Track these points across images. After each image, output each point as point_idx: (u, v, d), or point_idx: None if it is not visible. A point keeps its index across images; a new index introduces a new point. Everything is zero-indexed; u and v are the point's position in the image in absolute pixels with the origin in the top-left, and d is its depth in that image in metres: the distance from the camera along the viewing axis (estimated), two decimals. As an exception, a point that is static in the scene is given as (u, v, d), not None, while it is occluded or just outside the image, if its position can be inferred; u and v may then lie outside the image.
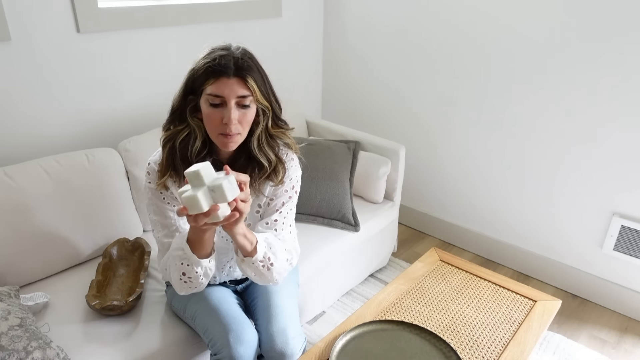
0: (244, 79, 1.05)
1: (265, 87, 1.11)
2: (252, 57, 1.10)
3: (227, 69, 1.03)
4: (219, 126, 1.07)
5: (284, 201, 1.27)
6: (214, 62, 1.04)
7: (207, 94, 1.05)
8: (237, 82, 1.04)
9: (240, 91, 1.05)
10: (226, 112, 1.05)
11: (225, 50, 1.08)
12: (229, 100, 1.05)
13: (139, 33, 1.88)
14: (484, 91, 2.17)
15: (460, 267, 1.62)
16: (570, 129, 1.96)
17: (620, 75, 1.78)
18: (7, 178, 1.45)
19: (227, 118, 1.05)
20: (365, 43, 2.53)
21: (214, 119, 1.07)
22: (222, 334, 1.19)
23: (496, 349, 1.28)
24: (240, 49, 1.09)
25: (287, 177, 1.26)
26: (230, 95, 1.04)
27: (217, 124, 1.07)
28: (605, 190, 1.95)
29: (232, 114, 1.05)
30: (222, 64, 1.03)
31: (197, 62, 1.08)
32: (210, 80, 1.04)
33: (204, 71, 1.05)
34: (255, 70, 1.08)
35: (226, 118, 1.05)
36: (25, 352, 1.08)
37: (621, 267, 2.00)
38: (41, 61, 1.65)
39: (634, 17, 1.70)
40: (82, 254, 1.60)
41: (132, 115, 1.96)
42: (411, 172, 2.56)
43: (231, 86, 1.04)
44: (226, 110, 1.05)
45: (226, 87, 1.04)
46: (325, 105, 2.87)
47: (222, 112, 1.06)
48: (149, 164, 1.19)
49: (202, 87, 1.06)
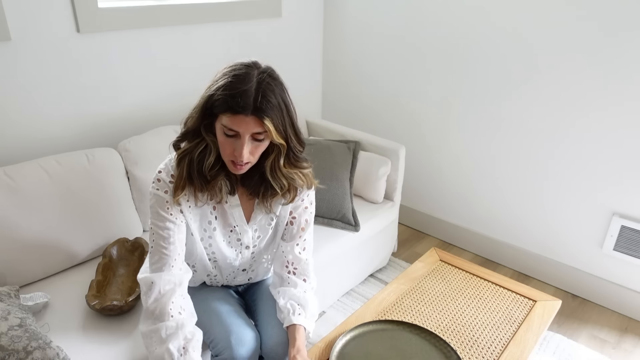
0: (261, 119, 1.01)
1: (284, 123, 1.05)
2: (275, 87, 1.03)
3: (245, 108, 0.99)
4: (229, 155, 1.06)
5: (307, 218, 1.28)
6: (233, 99, 0.99)
7: (223, 124, 1.03)
8: (253, 120, 1.01)
9: (256, 129, 1.02)
10: (238, 145, 1.04)
11: (246, 80, 1.00)
12: (243, 135, 1.03)
13: (139, 33, 1.88)
14: (484, 91, 2.17)
15: (460, 267, 1.62)
16: (570, 129, 1.96)
17: (620, 74, 1.78)
18: (7, 178, 1.45)
19: (239, 152, 1.04)
20: (365, 43, 2.53)
21: (227, 148, 1.06)
22: (224, 335, 1.19)
23: (496, 349, 1.28)
24: (264, 77, 1.02)
25: (305, 193, 1.25)
26: (245, 132, 1.02)
27: (229, 153, 1.06)
28: (605, 190, 1.95)
29: (244, 149, 1.04)
30: (239, 103, 0.99)
31: (216, 88, 1.02)
32: (227, 113, 1.01)
33: (223, 102, 1.00)
34: (276, 107, 1.02)
35: (237, 151, 1.04)
36: (25, 352, 1.08)
37: (621, 267, 2.00)
38: (41, 61, 1.65)
39: (633, 16, 1.70)
40: (82, 254, 1.60)
41: (132, 115, 1.96)
42: (411, 172, 2.56)
43: (247, 124, 1.01)
44: (239, 143, 1.04)
45: (242, 124, 1.01)
46: (325, 105, 2.87)
47: (235, 144, 1.04)
48: (160, 172, 1.14)
49: (218, 114, 1.03)
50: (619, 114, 1.83)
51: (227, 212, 1.21)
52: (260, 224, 1.26)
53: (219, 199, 1.16)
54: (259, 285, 1.41)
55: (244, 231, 1.24)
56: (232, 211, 1.21)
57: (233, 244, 1.26)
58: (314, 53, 2.70)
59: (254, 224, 1.25)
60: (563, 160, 2.02)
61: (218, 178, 1.13)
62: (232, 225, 1.23)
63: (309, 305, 1.24)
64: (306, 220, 1.28)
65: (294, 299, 1.24)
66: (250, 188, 1.19)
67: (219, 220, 1.22)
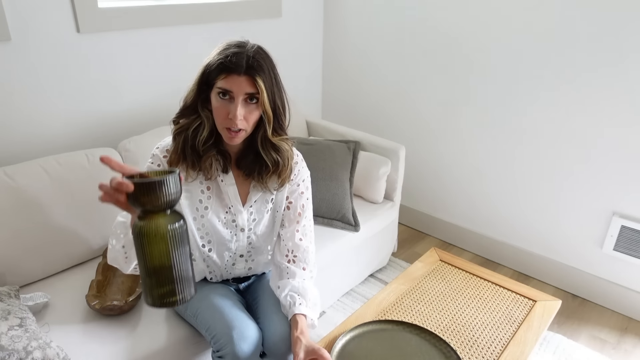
0: (253, 77, 1.07)
1: (273, 90, 1.12)
2: (266, 57, 1.11)
3: (238, 66, 1.06)
4: (226, 120, 1.10)
5: (303, 203, 1.31)
6: (226, 58, 1.07)
7: (218, 87, 1.09)
8: (246, 80, 1.07)
9: (248, 89, 1.08)
10: (232, 107, 1.09)
11: (239, 47, 1.10)
12: (236, 96, 1.08)
13: (139, 33, 1.88)
14: (484, 92, 2.17)
15: (460, 267, 1.62)
16: (570, 129, 1.96)
17: (620, 76, 1.78)
18: (7, 178, 1.45)
19: (233, 113, 1.08)
20: (365, 43, 2.53)
21: (222, 113, 1.10)
22: (226, 331, 1.20)
23: (496, 349, 1.28)
24: (255, 47, 1.11)
25: (300, 179, 1.29)
26: (239, 91, 1.08)
27: (224, 118, 1.10)
28: (605, 190, 1.95)
29: (237, 109, 1.08)
30: (233, 61, 1.06)
31: (211, 57, 1.11)
32: (222, 75, 1.07)
33: (217, 66, 1.07)
34: (267, 71, 1.10)
35: (232, 113, 1.08)
36: (25, 352, 1.08)
37: (621, 267, 2.00)
38: (41, 61, 1.65)
39: (634, 22, 1.70)
40: (82, 254, 1.60)
41: (132, 116, 1.96)
42: (411, 172, 2.56)
43: (240, 83, 1.07)
44: (233, 105, 1.09)
45: (235, 83, 1.07)
46: (325, 105, 2.87)
47: (230, 107, 1.09)
48: (157, 148, 1.22)
49: (214, 81, 1.09)
50: (618, 113, 1.83)
51: (222, 192, 1.23)
52: (256, 207, 1.27)
53: (209, 175, 1.19)
54: (260, 282, 1.42)
55: (239, 212, 1.25)
56: (227, 189, 1.23)
57: (229, 226, 1.27)
58: (314, 53, 2.70)
59: (249, 205, 1.26)
60: (563, 160, 2.02)
61: (209, 154, 1.16)
62: (227, 206, 1.25)
63: (308, 293, 1.25)
64: (302, 205, 1.31)
65: (293, 290, 1.24)
66: (246, 168, 1.22)
67: (214, 200, 1.24)
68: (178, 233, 0.85)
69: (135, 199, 0.82)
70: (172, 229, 0.83)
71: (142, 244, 0.83)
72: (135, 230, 0.84)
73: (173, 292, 0.86)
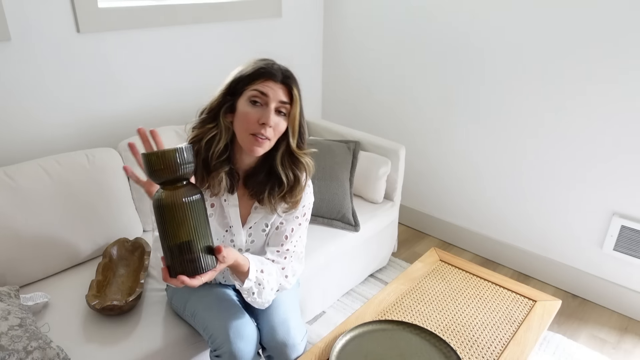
0: (290, 88, 1.11)
1: (302, 103, 1.15)
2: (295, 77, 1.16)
3: (277, 73, 1.10)
4: (253, 125, 1.09)
5: (293, 227, 1.28)
6: (266, 65, 1.11)
7: (252, 90, 1.10)
8: (282, 88, 1.11)
9: (283, 97, 1.11)
10: (265, 112, 1.09)
11: (272, 61, 1.15)
12: (270, 102, 1.09)
13: (139, 33, 1.88)
14: (484, 91, 2.17)
15: (460, 267, 1.62)
16: (570, 128, 1.96)
17: (620, 76, 1.78)
18: (7, 178, 1.45)
19: (266, 118, 1.08)
20: (365, 43, 2.53)
21: (251, 118, 1.09)
22: (222, 330, 1.20)
23: (496, 349, 1.28)
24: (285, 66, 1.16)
25: (301, 204, 1.26)
26: (274, 97, 1.10)
27: (252, 123, 1.09)
28: (605, 190, 1.95)
29: (271, 114, 1.09)
30: (274, 68, 1.11)
31: (245, 66, 1.14)
32: (258, 80, 1.09)
33: (254, 72, 1.10)
34: (298, 85, 1.14)
35: (264, 118, 1.08)
36: (25, 352, 1.08)
37: (621, 267, 2.00)
38: (41, 61, 1.65)
39: (634, 22, 1.70)
40: (82, 254, 1.60)
41: (132, 115, 1.96)
42: (411, 172, 2.56)
43: (277, 90, 1.10)
44: (265, 110, 1.09)
45: (272, 89, 1.09)
46: (325, 105, 2.87)
47: (261, 112, 1.09)
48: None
49: (246, 87, 1.11)
50: (618, 112, 1.83)
51: (224, 211, 1.23)
52: (255, 228, 1.27)
53: (216, 191, 1.17)
54: None
55: (238, 233, 1.25)
56: (229, 210, 1.23)
57: (226, 244, 1.26)
58: (314, 53, 2.70)
59: (248, 226, 1.26)
60: (563, 160, 2.02)
61: (220, 170, 1.15)
62: (228, 225, 1.24)
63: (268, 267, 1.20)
64: (292, 229, 1.28)
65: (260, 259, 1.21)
66: (254, 188, 1.20)
67: (215, 217, 1.24)
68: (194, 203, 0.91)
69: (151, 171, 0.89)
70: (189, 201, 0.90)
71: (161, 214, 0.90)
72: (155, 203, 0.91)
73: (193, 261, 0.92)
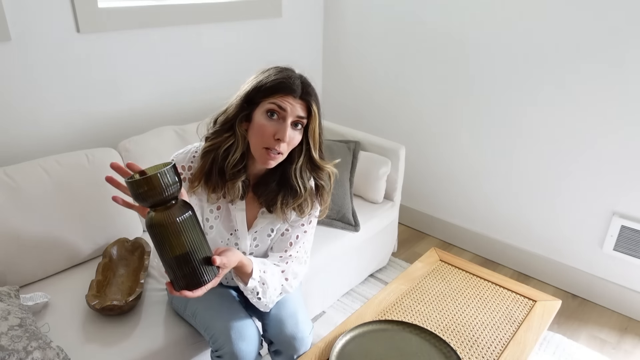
0: (309, 103, 1.09)
1: (321, 120, 1.14)
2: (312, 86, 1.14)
3: (296, 88, 1.08)
4: (268, 139, 1.08)
5: (298, 234, 1.28)
6: (284, 81, 1.08)
7: (270, 103, 1.07)
8: (301, 103, 1.09)
9: (301, 112, 1.09)
10: (281, 127, 1.07)
11: (290, 71, 1.12)
12: (288, 117, 1.08)
13: (139, 33, 1.88)
14: (485, 92, 2.17)
15: (460, 267, 1.62)
16: (570, 129, 1.96)
17: (620, 76, 1.78)
18: (7, 178, 1.45)
19: (282, 134, 1.07)
20: (365, 43, 2.53)
21: (266, 131, 1.08)
22: (224, 330, 1.20)
23: (496, 349, 1.28)
24: (304, 75, 1.13)
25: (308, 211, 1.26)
26: (292, 112, 1.08)
27: (267, 137, 1.08)
28: (605, 190, 1.95)
29: (288, 129, 1.08)
30: (294, 83, 1.08)
31: (264, 76, 1.11)
32: (278, 94, 1.07)
33: (275, 85, 1.08)
34: (317, 99, 1.12)
35: (280, 133, 1.07)
36: (25, 352, 1.08)
37: (621, 267, 2.00)
38: (41, 61, 1.65)
39: (634, 23, 1.70)
40: (82, 254, 1.60)
41: (132, 115, 1.96)
42: (411, 172, 2.56)
43: (294, 106, 1.08)
44: (282, 125, 1.08)
45: (290, 104, 1.07)
46: (325, 105, 2.87)
47: (277, 127, 1.08)
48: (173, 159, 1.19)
49: (264, 99, 1.08)
50: (619, 114, 1.83)
51: (231, 215, 1.22)
52: (260, 233, 1.27)
53: (230, 198, 1.17)
54: None
55: (243, 237, 1.25)
56: (236, 214, 1.22)
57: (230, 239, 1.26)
58: (314, 53, 2.70)
59: (254, 230, 1.25)
60: (563, 160, 2.02)
61: (237, 179, 1.14)
62: (233, 229, 1.24)
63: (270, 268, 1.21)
64: (297, 236, 1.28)
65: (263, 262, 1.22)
66: (263, 196, 1.20)
67: (221, 220, 1.23)
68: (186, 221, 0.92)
69: (136, 196, 0.89)
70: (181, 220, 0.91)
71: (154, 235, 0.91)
72: (147, 223, 0.92)
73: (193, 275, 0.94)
